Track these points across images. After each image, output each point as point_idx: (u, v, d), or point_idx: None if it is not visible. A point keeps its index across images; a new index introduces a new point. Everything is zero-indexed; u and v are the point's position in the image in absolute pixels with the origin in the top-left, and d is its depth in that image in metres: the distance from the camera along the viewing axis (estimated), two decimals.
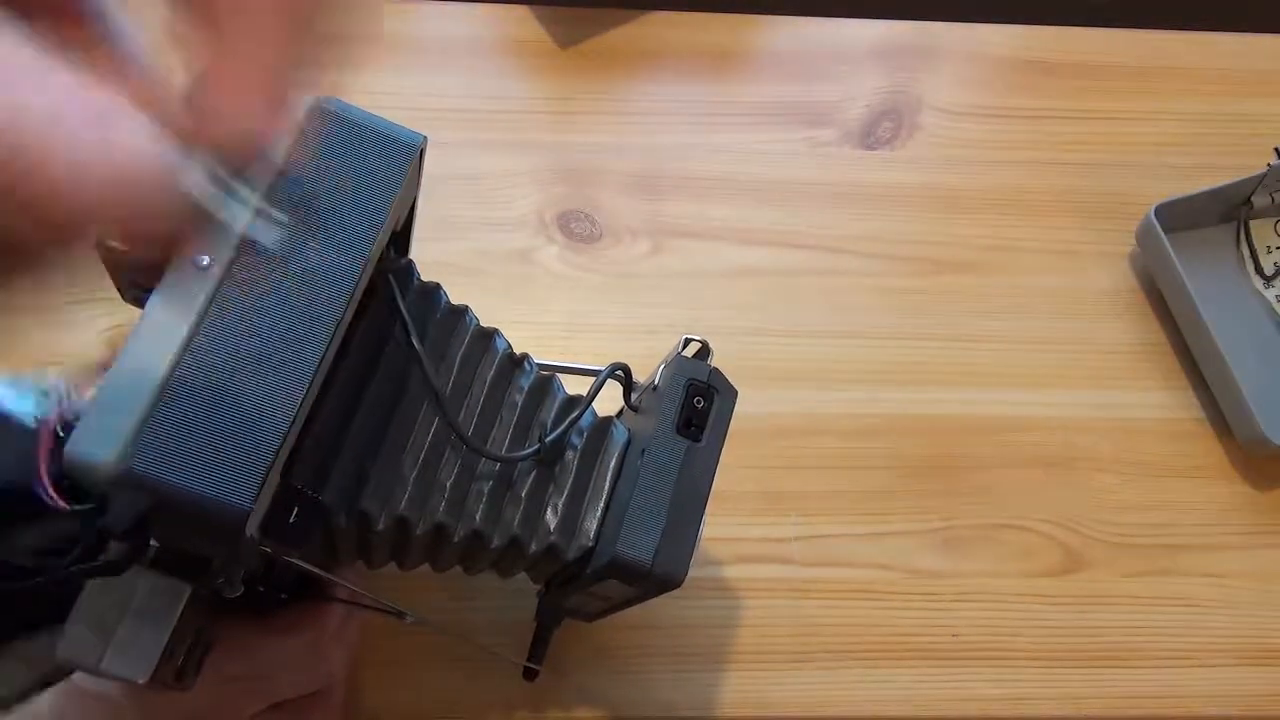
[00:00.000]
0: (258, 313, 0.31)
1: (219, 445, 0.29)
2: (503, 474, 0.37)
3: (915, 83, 0.65)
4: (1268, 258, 0.60)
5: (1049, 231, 0.61)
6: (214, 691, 0.38)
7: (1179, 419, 0.57)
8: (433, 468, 0.36)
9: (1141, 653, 0.51)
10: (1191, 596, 0.52)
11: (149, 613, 0.33)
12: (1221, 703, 0.50)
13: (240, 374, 0.30)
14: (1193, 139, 0.64)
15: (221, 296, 0.31)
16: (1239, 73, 0.67)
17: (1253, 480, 0.55)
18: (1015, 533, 0.53)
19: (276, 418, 0.30)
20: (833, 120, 0.63)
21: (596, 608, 0.41)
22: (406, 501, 0.35)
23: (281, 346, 0.31)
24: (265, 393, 0.30)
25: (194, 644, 0.35)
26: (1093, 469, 0.55)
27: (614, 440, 0.38)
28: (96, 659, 0.33)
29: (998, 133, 0.64)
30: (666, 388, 0.37)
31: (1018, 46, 0.67)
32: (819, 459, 0.54)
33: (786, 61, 0.65)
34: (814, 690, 0.49)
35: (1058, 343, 0.58)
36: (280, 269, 0.32)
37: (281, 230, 0.31)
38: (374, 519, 0.35)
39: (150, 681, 0.33)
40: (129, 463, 0.28)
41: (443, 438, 0.36)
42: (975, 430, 0.55)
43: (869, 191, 0.61)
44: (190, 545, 0.32)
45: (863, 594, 0.51)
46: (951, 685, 0.50)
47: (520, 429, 0.37)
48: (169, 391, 0.29)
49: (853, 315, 0.58)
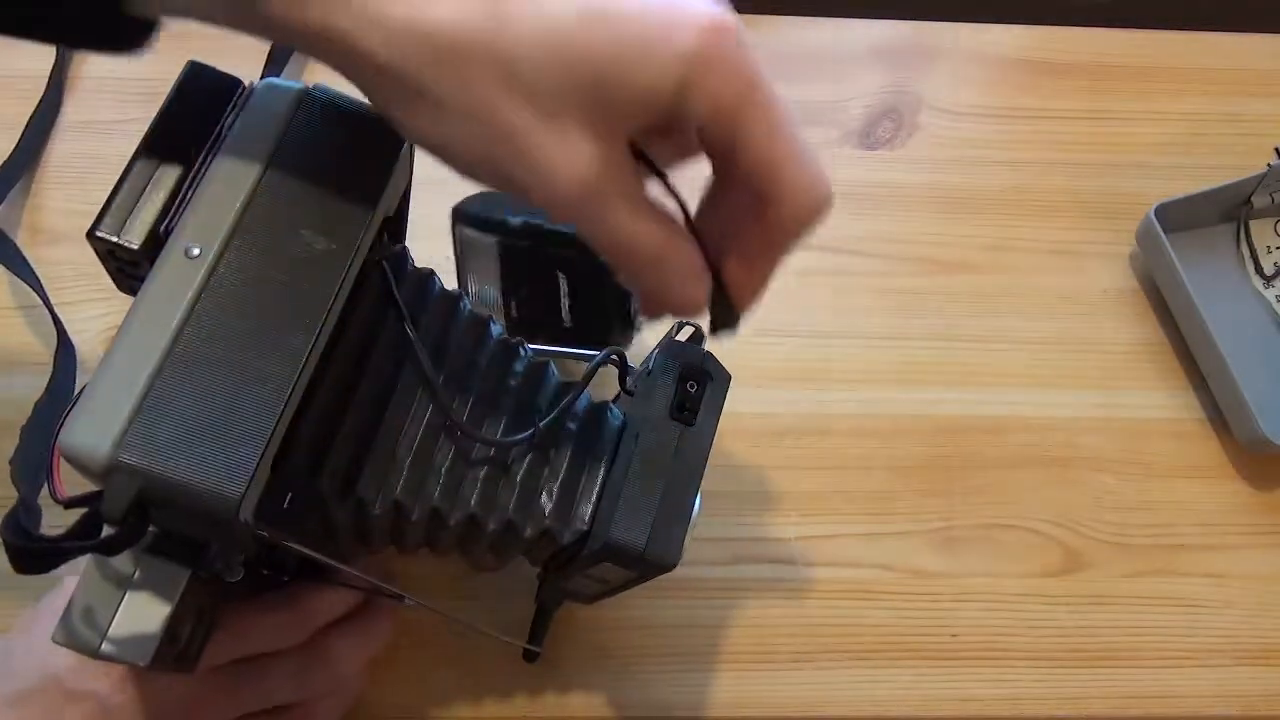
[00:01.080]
0: (248, 300, 0.31)
1: (210, 433, 0.29)
2: (498, 459, 0.37)
3: (915, 83, 0.65)
4: (1268, 258, 0.60)
5: (1049, 231, 0.61)
6: (206, 679, 0.38)
7: (1179, 419, 0.56)
8: (428, 453, 0.36)
9: (1141, 653, 0.51)
10: (1191, 596, 0.52)
11: (148, 596, 0.33)
12: (1221, 703, 0.50)
13: (231, 362, 0.30)
14: (1193, 139, 0.64)
15: (212, 285, 0.31)
16: (1239, 73, 0.67)
17: (1253, 480, 0.55)
18: (1015, 533, 0.53)
19: (268, 405, 0.30)
20: (833, 120, 0.63)
21: (595, 590, 0.41)
22: (402, 487, 0.35)
23: (272, 334, 0.31)
24: (256, 380, 0.30)
25: (196, 626, 0.35)
26: (1093, 469, 0.55)
27: (608, 425, 0.38)
28: (96, 644, 0.33)
29: (998, 133, 0.64)
30: (660, 372, 0.37)
31: (1018, 46, 0.67)
32: (819, 459, 0.54)
33: (786, 61, 0.65)
34: (813, 690, 0.49)
35: (1058, 343, 0.58)
36: (271, 256, 0.32)
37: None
38: (370, 504, 0.35)
39: (152, 665, 0.33)
40: (121, 453, 0.28)
41: (438, 423, 0.36)
42: (975, 430, 0.55)
43: (869, 191, 0.61)
44: (187, 530, 0.32)
45: (863, 594, 0.51)
46: (951, 685, 0.49)
47: (515, 414, 0.38)
48: (160, 381, 0.29)
49: (853, 315, 0.58)
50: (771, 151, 0.28)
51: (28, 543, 0.29)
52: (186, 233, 0.32)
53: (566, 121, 0.27)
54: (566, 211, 0.29)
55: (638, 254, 0.30)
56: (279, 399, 0.30)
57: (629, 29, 0.27)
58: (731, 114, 0.28)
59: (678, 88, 0.27)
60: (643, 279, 0.31)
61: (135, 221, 0.32)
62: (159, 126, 0.34)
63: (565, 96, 0.27)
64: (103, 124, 0.58)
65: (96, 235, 0.32)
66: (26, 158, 0.56)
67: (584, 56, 0.27)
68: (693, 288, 0.31)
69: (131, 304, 0.31)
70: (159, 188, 0.33)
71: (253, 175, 0.32)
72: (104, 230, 0.32)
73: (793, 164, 0.28)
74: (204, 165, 0.33)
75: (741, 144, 0.28)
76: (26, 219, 0.55)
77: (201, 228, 0.32)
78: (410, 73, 0.27)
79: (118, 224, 0.32)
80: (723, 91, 0.27)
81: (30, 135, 0.56)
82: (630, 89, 0.27)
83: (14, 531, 0.29)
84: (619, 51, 0.27)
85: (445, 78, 0.27)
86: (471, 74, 0.27)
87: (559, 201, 0.28)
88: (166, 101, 0.34)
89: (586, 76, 0.27)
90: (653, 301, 0.31)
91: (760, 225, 0.30)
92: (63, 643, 0.33)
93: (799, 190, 0.29)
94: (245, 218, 0.32)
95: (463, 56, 0.27)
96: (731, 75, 0.27)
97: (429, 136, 0.29)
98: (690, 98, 0.27)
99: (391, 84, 0.28)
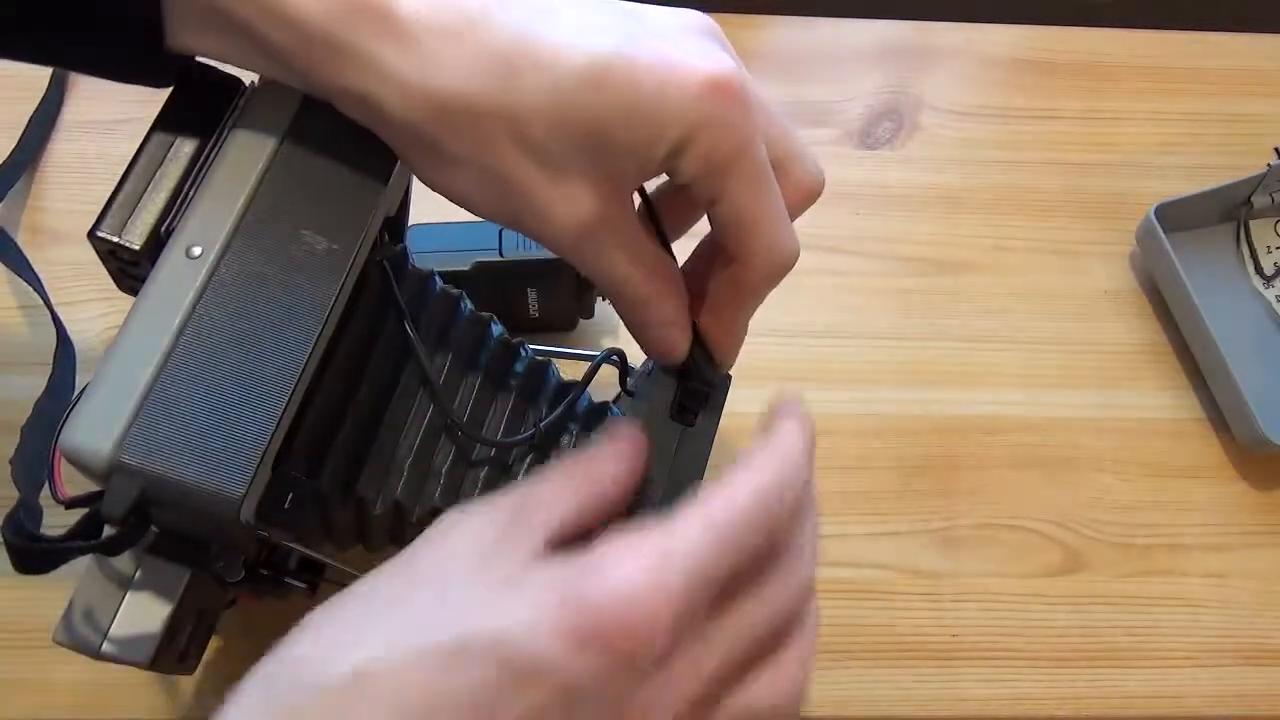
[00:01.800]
0: (249, 300, 0.31)
1: (212, 433, 0.29)
2: (499, 459, 0.37)
3: (915, 83, 0.65)
4: (1268, 258, 0.60)
5: (1049, 231, 0.61)
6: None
7: (1179, 419, 0.56)
8: (429, 453, 0.36)
9: (1141, 653, 0.51)
10: (1191, 596, 0.52)
11: (149, 596, 0.33)
12: (1221, 703, 0.50)
13: (232, 362, 0.30)
14: (1193, 139, 0.64)
15: (213, 285, 0.31)
16: (1239, 73, 0.67)
17: (1253, 480, 0.55)
18: (1015, 533, 0.53)
19: (269, 405, 0.30)
20: (833, 120, 0.63)
21: None
22: (403, 487, 0.35)
23: (273, 333, 0.31)
24: (257, 380, 0.30)
25: (196, 627, 0.35)
26: (1093, 469, 0.55)
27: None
28: (97, 644, 0.33)
29: (998, 133, 0.64)
30: (661, 373, 0.37)
31: (1018, 46, 0.67)
32: (819, 459, 0.53)
33: (786, 61, 0.65)
34: (814, 690, 0.49)
35: (1058, 343, 0.58)
36: (272, 256, 0.32)
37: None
38: (370, 504, 0.35)
39: (152, 665, 0.33)
40: (122, 453, 0.28)
41: (438, 424, 0.36)
42: (975, 430, 0.55)
43: (869, 191, 0.61)
44: (188, 530, 0.32)
45: (862, 594, 0.51)
46: (951, 685, 0.49)
47: (516, 414, 0.38)
48: (161, 381, 0.29)
49: (853, 315, 0.58)
50: (749, 212, 0.30)
51: (29, 543, 0.29)
52: (187, 233, 0.32)
53: (570, 175, 0.30)
54: (565, 252, 0.32)
55: (624, 297, 0.32)
56: (280, 399, 0.30)
57: (628, 94, 0.28)
58: (719, 175, 0.29)
59: (671, 151, 0.29)
60: (628, 319, 0.33)
61: (136, 222, 0.32)
62: (160, 126, 0.34)
63: (569, 154, 0.29)
64: (103, 124, 0.58)
65: (97, 235, 0.32)
66: (27, 157, 0.56)
67: (586, 118, 0.29)
68: (671, 335, 0.33)
69: (132, 304, 0.31)
70: (160, 188, 0.33)
71: (254, 175, 0.32)
72: (105, 230, 0.32)
73: (766, 226, 0.31)
74: (205, 165, 0.33)
75: (723, 200, 0.30)
76: (27, 219, 0.55)
77: (203, 228, 0.32)
78: (427, 133, 0.29)
79: (119, 224, 0.32)
80: (712, 155, 0.29)
81: (31, 135, 0.56)
82: (628, 149, 0.29)
83: (16, 531, 0.29)
84: (618, 115, 0.28)
85: (459, 137, 0.29)
86: (482, 133, 0.29)
87: (558, 245, 0.31)
88: (167, 102, 0.34)
89: (589, 137, 0.29)
90: (639, 340, 0.34)
91: (728, 277, 0.32)
92: (64, 643, 0.33)
93: (767, 251, 0.31)
94: (246, 218, 0.32)
95: (474, 117, 0.29)
96: (723, 140, 0.29)
97: (448, 188, 0.31)
98: (683, 159, 0.29)
99: (413, 141, 0.30)
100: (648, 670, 0.25)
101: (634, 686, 0.25)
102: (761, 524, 0.26)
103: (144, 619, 0.33)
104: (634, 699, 0.25)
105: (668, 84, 0.28)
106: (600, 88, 0.28)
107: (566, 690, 0.24)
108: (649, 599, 0.24)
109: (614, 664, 0.24)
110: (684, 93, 0.28)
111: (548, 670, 0.24)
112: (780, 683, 0.28)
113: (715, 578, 0.25)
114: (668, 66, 0.28)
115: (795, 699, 0.28)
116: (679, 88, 0.28)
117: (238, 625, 0.43)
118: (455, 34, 0.28)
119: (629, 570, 0.24)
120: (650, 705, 0.25)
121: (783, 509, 0.27)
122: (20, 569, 0.30)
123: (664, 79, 0.28)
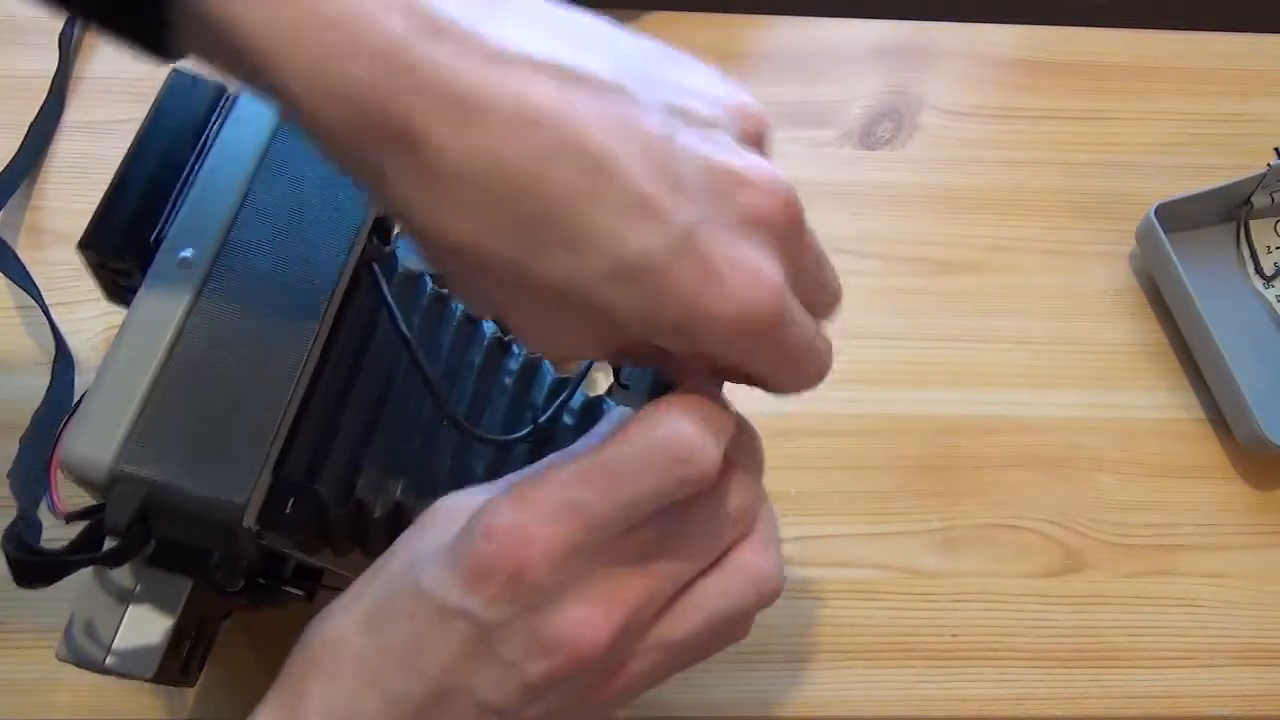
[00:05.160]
0: (242, 306, 0.31)
1: (212, 440, 0.29)
2: (497, 457, 0.37)
3: (915, 83, 0.65)
4: (1268, 258, 0.60)
5: (1049, 231, 0.61)
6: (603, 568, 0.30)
7: (1179, 419, 0.56)
8: (427, 454, 0.36)
9: (1141, 653, 0.51)
10: (1191, 596, 0.52)
11: (150, 609, 0.33)
12: (1221, 703, 0.50)
13: (228, 368, 0.30)
14: (1193, 139, 0.64)
15: (206, 292, 0.31)
16: (1239, 73, 0.67)
17: (1253, 480, 0.55)
18: (1015, 533, 0.53)
19: (268, 410, 0.30)
20: (833, 120, 0.63)
21: None
22: (402, 488, 0.35)
23: (268, 339, 0.31)
24: (254, 386, 0.30)
25: (197, 638, 0.35)
26: (1093, 469, 0.55)
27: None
28: (100, 658, 0.33)
29: (998, 133, 0.64)
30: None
31: (1018, 46, 0.67)
32: (819, 459, 0.54)
33: (786, 61, 0.65)
34: (814, 690, 0.49)
35: (1058, 343, 0.58)
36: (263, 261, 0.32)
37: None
38: (370, 507, 0.35)
39: (156, 677, 0.33)
40: (123, 462, 0.28)
41: (436, 423, 0.36)
42: (975, 430, 0.55)
43: (869, 191, 0.61)
44: (190, 539, 0.32)
45: (862, 594, 0.51)
46: (951, 685, 0.49)
47: (512, 412, 0.38)
48: (158, 389, 0.29)
49: (852, 315, 0.57)
50: (772, 382, 0.32)
51: (30, 556, 0.29)
52: (177, 240, 0.32)
53: (573, 327, 0.29)
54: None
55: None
56: (279, 403, 0.30)
57: (651, 302, 0.27)
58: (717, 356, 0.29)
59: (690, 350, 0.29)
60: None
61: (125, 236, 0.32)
62: (146, 135, 0.33)
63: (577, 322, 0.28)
64: (103, 124, 0.58)
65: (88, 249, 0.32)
66: (29, 160, 0.56)
67: (605, 305, 0.27)
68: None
69: (126, 314, 0.31)
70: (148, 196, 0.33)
71: (242, 181, 0.32)
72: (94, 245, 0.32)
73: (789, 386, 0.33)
74: (193, 172, 0.33)
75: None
76: (27, 219, 0.55)
77: (192, 235, 0.32)
78: (437, 258, 0.28)
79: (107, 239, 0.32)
80: (730, 359, 0.29)
81: (33, 137, 0.56)
82: (641, 333, 0.28)
83: (16, 545, 0.29)
84: (636, 312, 0.27)
85: (468, 275, 0.28)
86: (492, 279, 0.28)
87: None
88: (152, 110, 0.34)
89: (602, 316, 0.27)
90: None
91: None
92: (66, 658, 0.33)
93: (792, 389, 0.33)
94: (235, 223, 0.32)
95: (484, 270, 0.27)
96: (745, 358, 0.29)
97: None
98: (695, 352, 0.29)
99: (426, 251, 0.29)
100: (533, 598, 0.27)
101: (535, 613, 0.27)
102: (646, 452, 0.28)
103: (147, 631, 0.33)
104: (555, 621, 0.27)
105: (696, 312, 0.27)
106: (624, 284, 0.26)
107: (478, 625, 0.27)
108: (508, 534, 0.27)
109: (499, 593, 0.27)
110: (713, 323, 0.27)
111: (454, 610, 0.27)
112: (731, 581, 0.31)
113: (591, 507, 0.27)
114: (699, 295, 0.26)
115: (750, 597, 0.31)
116: (708, 317, 0.27)
117: (238, 633, 0.43)
118: (482, 186, 0.25)
119: (499, 514, 0.27)
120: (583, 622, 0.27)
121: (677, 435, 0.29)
122: (21, 583, 0.30)
123: (693, 307, 0.27)
